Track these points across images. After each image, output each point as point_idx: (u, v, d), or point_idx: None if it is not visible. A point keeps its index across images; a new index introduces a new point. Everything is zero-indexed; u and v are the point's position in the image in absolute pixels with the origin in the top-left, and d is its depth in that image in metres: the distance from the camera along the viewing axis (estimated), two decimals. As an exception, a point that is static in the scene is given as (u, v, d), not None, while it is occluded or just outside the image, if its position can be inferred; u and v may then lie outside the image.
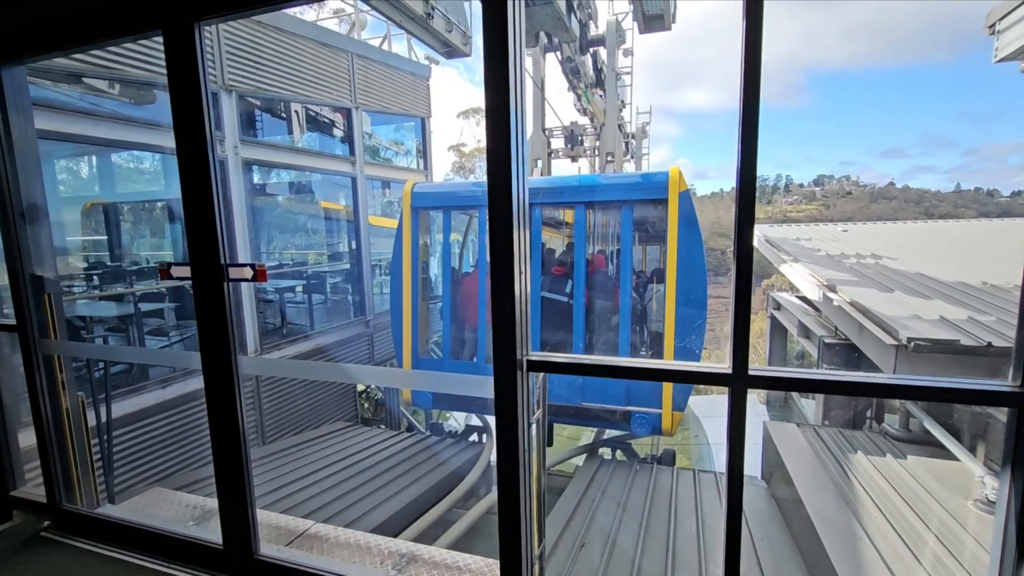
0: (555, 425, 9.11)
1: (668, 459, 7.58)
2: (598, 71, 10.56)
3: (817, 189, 49.02)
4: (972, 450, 5.16)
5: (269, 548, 2.25)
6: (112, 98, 5.55)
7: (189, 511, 2.89)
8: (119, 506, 2.92)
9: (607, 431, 7.90)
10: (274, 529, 2.71)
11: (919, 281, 7.09)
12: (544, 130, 10.14)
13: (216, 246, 1.97)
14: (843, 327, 6.44)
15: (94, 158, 7.54)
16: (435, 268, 7.30)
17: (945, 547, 3.64)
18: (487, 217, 1.64)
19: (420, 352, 6.61)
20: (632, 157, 14.42)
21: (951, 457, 5.05)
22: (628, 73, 11.83)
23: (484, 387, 1.78)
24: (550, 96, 10.30)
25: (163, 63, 1.92)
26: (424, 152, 10.51)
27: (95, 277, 6.62)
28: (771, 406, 12.82)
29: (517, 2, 1.56)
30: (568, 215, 8.30)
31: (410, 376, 3.19)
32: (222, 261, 1.98)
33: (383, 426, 9.10)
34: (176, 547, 2.33)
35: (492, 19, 1.53)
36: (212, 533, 2.29)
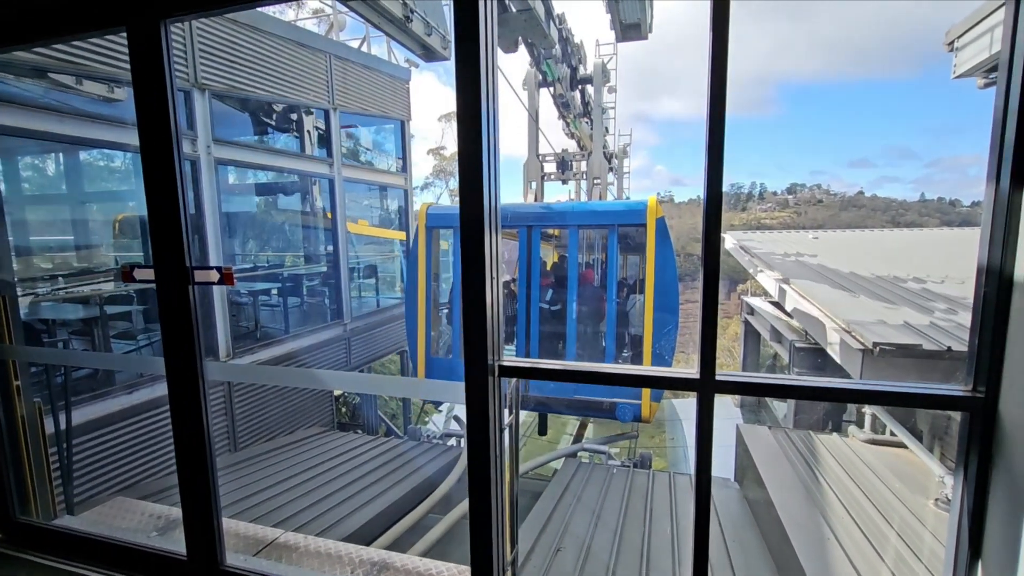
0: (541, 420, 10.55)
1: (644, 462, 7.65)
2: (585, 103, 11.94)
3: (790, 197, 50.24)
4: (934, 450, 5.32)
5: (235, 558, 2.18)
6: (80, 94, 5.38)
7: (152, 521, 2.80)
8: (78, 517, 2.80)
9: (584, 441, 9.24)
10: (242, 539, 2.64)
11: (886, 287, 7.31)
12: (538, 156, 11.30)
13: (181, 248, 1.92)
14: (813, 332, 6.59)
15: (61, 155, 7.29)
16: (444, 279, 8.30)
17: (907, 545, 3.75)
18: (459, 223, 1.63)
19: (432, 352, 7.45)
20: (615, 173, 15.88)
21: (916, 458, 5.21)
22: (612, 107, 13.76)
23: (457, 393, 1.76)
24: (542, 122, 11.49)
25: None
26: (404, 155, 10.46)
27: (60, 279, 6.39)
28: (745, 409, 13.06)
29: (489, 3, 1.56)
30: (555, 229, 9.52)
31: (383, 382, 3.16)
32: (187, 264, 1.92)
33: (360, 431, 8.98)
34: (137, 559, 2.25)
35: (463, 19, 1.53)
36: (176, 544, 2.21)
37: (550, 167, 12.19)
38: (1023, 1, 1.26)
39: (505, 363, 1.78)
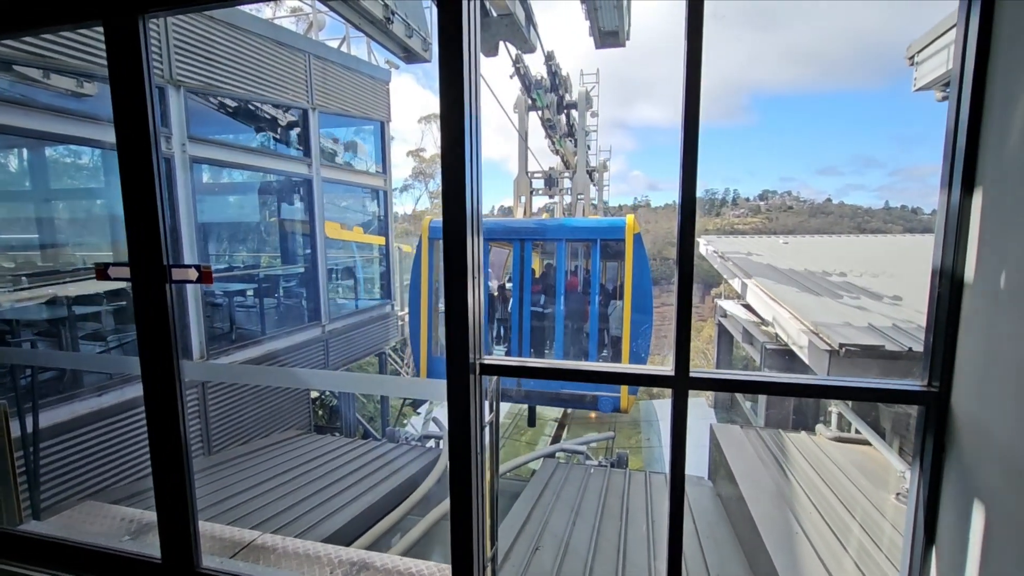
0: (530, 412, 11.70)
1: (621, 462, 7.75)
2: (570, 125, 13.49)
3: (761, 203, 51.49)
4: (895, 447, 5.53)
5: (212, 560, 2.15)
6: (48, 88, 5.20)
7: (125, 525, 2.73)
8: (46, 522, 2.71)
9: (562, 441, 10.28)
10: (218, 541, 2.59)
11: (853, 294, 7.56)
12: (527, 173, 12.42)
13: (158, 246, 1.89)
14: (783, 333, 6.78)
15: (25, 151, 7.03)
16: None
17: (870, 537, 3.89)
18: (443, 228, 1.66)
19: (434, 352, 8.33)
20: (595, 185, 17.54)
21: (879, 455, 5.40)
22: (594, 130, 15.51)
23: (438, 391, 1.77)
24: (531, 140, 12.43)
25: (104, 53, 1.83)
26: (383, 157, 10.40)
27: (24, 278, 6.15)
28: (719, 409, 13.32)
29: (472, 4, 1.58)
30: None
31: (362, 380, 3.14)
32: (164, 262, 1.89)
33: (337, 434, 8.87)
34: (108, 563, 2.19)
35: (447, 21, 1.55)
36: (150, 547, 2.16)
37: (538, 183, 13.53)
38: (971, 21, 1.35)
39: (487, 361, 1.81)
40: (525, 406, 14.49)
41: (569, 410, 15.24)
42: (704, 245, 13.91)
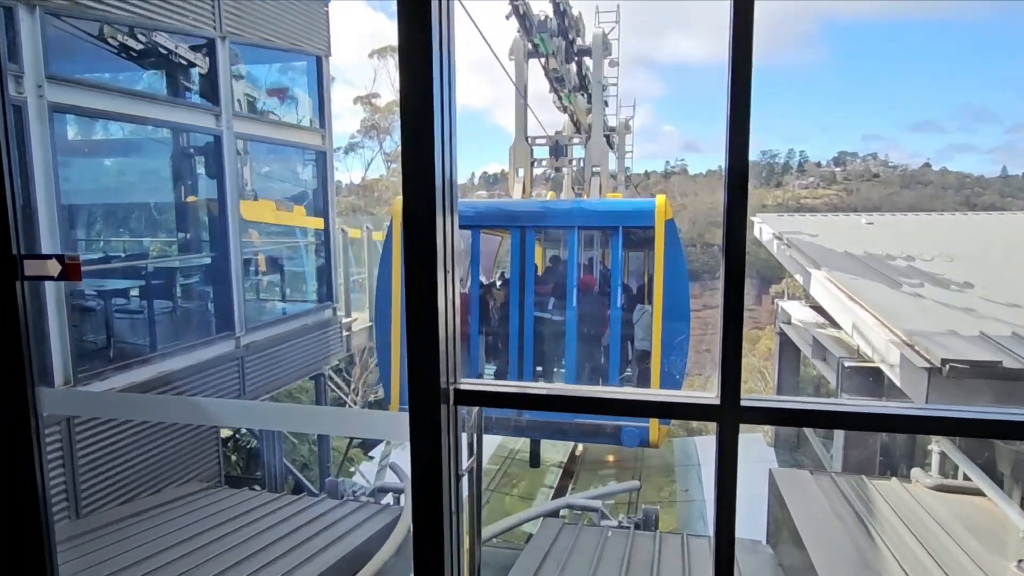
0: (533, 450, 12.45)
1: (649, 521, 7.81)
2: (582, 76, 13.69)
3: (838, 170, 51.95)
4: (1017, 498, 5.64)
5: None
6: None
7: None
8: None
9: (569, 494, 10.33)
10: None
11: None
12: (527, 138, 12.55)
13: (4, 228, 1.86)
14: (866, 345, 6.88)
15: None
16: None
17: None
18: (407, 210, 1.65)
19: None
20: (615, 152, 18.01)
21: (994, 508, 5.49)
22: (614, 83, 15.81)
23: (396, 427, 1.78)
24: (530, 95, 12.64)
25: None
26: (321, 105, 10.34)
27: None
28: (780, 447, 13.47)
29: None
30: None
31: (291, 414, 3.14)
32: (13, 250, 1.87)
33: (258, 487, 8.82)
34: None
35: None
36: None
37: (541, 151, 13.61)
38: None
39: (464, 386, 1.81)
40: (522, 441, 14.60)
41: (578, 450, 15.30)
42: (760, 226, 14.01)
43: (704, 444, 16.05)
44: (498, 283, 10.37)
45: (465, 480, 1.93)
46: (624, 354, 8.83)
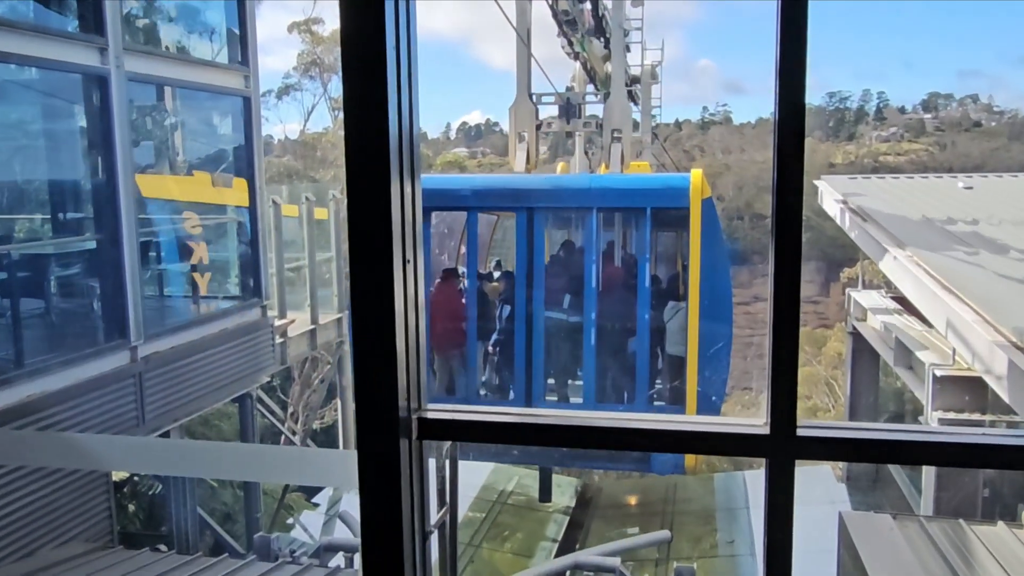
0: (542, 481, 13.06)
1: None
2: (599, 17, 14.29)
3: (927, 116, 52.14)
4: None
5: None
6: None
7: None
8: None
9: (578, 549, 11.17)
10: None
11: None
12: (531, 96, 13.15)
13: None
14: (963, 348, 6.91)
15: None
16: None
17: None
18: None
19: None
20: (639, 106, 18.91)
21: None
22: (638, 27, 16.74)
23: (339, 470, 1.77)
24: (533, 38, 13.19)
25: None
26: (243, 36, 10.25)
27: None
28: (855, 485, 13.58)
29: None
30: None
31: (206, 454, 3.14)
32: None
33: (164, 546, 8.80)
34: None
35: None
36: None
37: (548, 109, 14.01)
38: None
39: (431, 415, 1.80)
40: (515, 480, 14.77)
41: (589, 492, 15.35)
42: (827, 193, 14.06)
43: (755, 480, 16.14)
44: (495, 274, 10.92)
45: (435, 538, 1.92)
46: (652, 362, 9.21)
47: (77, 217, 8.85)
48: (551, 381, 9.77)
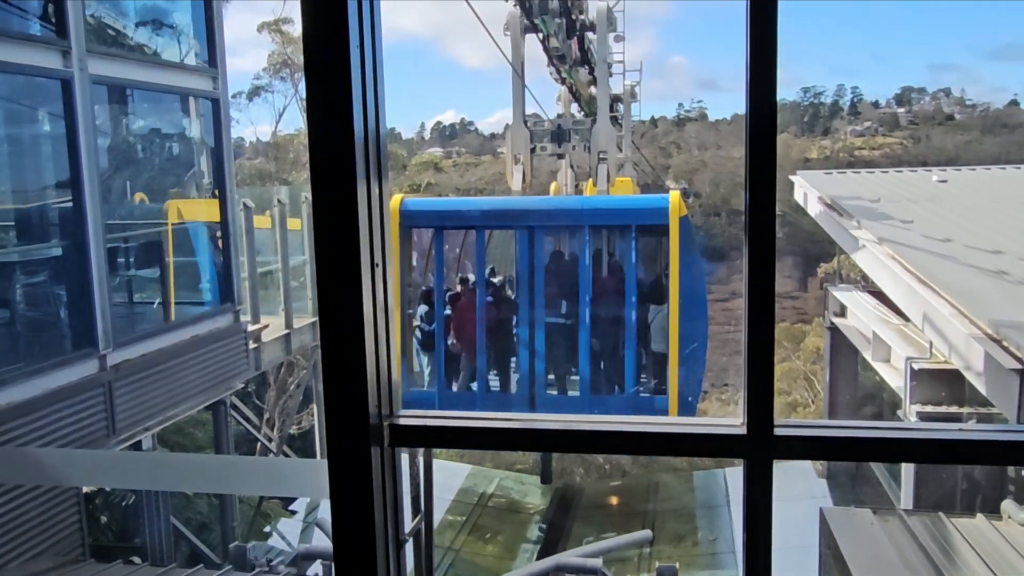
0: (544, 465, 14.77)
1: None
2: (584, 50, 16.56)
3: (901, 111, 52.85)
4: None
5: None
6: None
7: None
8: None
9: (560, 550, 12.10)
10: None
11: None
12: (526, 121, 14.77)
13: None
14: (941, 342, 6.98)
15: None
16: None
17: None
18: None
19: (413, 382, 10.61)
20: (620, 121, 21.24)
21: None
22: (620, 60, 19.71)
23: (310, 479, 1.75)
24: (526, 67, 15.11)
25: None
26: (211, 37, 10.21)
27: None
28: (835, 481, 13.69)
29: None
30: None
31: (179, 465, 3.10)
32: None
33: (138, 558, 8.73)
34: None
35: None
36: None
37: (542, 136, 15.75)
38: None
39: (404, 421, 1.79)
40: (496, 482, 15.36)
41: (569, 492, 15.40)
42: (803, 189, 14.18)
43: (735, 476, 16.26)
44: (495, 279, 12.46)
45: (410, 546, 1.90)
46: (638, 359, 10.39)
47: (42, 224, 8.75)
48: (551, 376, 10.89)
